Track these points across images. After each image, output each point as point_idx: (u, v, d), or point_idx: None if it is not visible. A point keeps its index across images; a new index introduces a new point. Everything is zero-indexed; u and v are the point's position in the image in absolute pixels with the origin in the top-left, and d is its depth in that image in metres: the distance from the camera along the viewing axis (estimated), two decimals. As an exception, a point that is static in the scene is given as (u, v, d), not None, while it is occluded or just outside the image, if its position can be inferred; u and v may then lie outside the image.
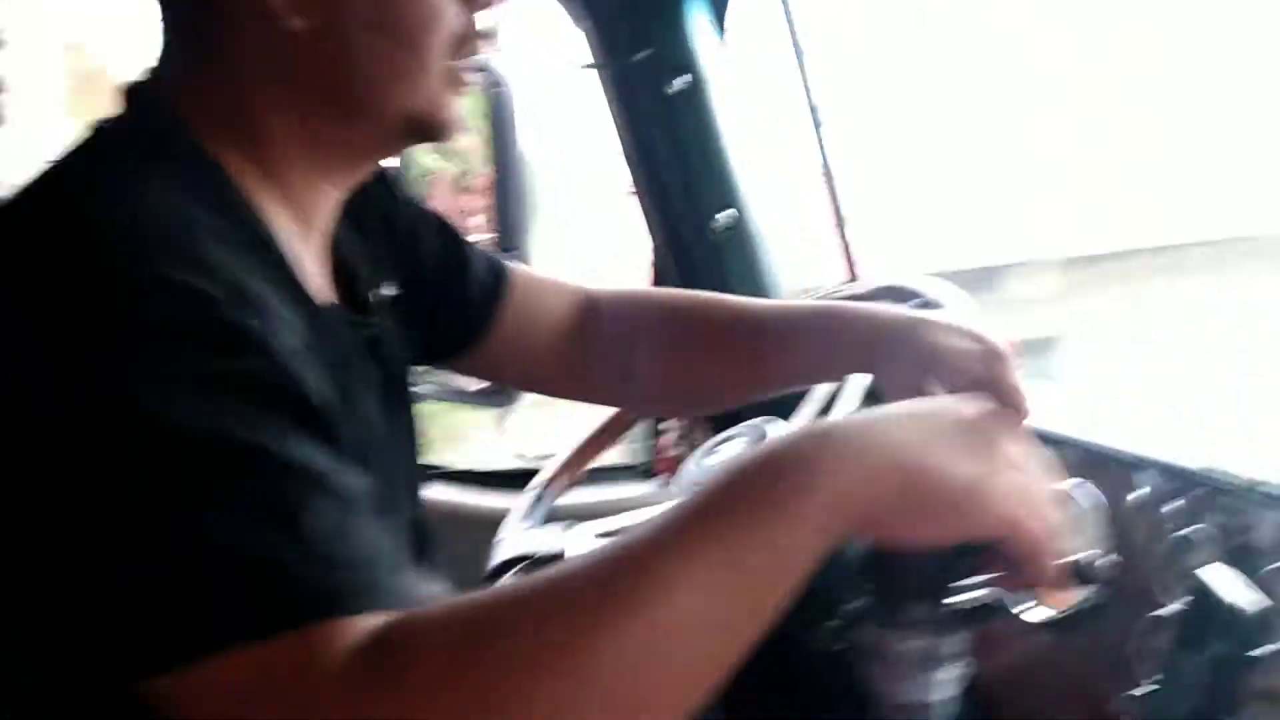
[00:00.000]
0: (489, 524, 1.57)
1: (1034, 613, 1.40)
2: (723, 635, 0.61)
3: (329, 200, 0.91)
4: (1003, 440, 0.71)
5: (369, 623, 0.58)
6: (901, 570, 0.75)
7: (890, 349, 0.98)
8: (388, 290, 1.04)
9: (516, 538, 1.59)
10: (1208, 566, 0.86)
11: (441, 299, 1.15)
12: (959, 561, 0.72)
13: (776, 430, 1.35)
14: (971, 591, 0.75)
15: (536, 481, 1.76)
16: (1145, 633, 1.23)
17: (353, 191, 0.94)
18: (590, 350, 1.22)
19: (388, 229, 1.11)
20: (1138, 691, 1.22)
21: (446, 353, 1.21)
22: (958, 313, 1.24)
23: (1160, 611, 1.21)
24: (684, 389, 1.30)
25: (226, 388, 0.62)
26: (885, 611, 0.74)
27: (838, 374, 1.18)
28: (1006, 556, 0.73)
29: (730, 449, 1.36)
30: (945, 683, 0.76)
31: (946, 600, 0.76)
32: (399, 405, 1.02)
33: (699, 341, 1.24)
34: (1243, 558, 1.16)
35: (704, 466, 1.39)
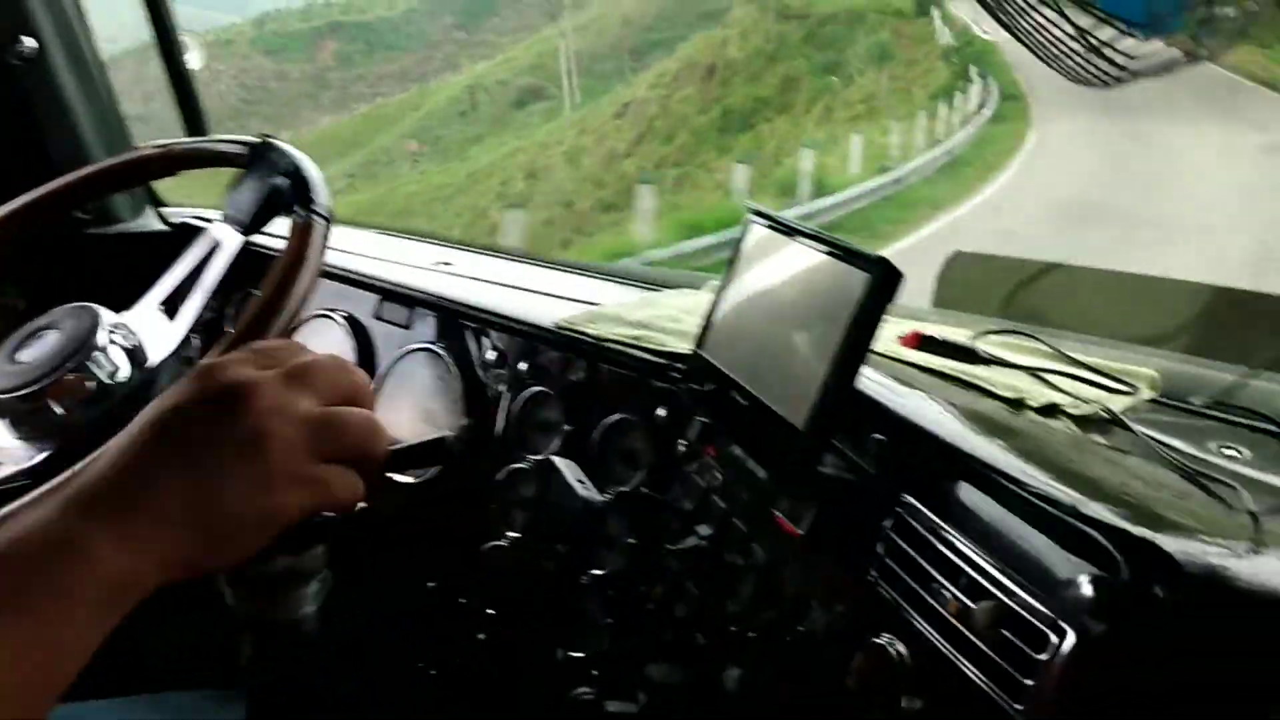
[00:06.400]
0: None
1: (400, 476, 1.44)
2: None
3: None
4: (269, 392, 0.64)
5: None
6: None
7: None
8: None
9: None
10: (555, 457, 0.93)
11: None
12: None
13: (107, 318, 1.17)
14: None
15: None
16: (507, 490, 1.31)
17: None
18: None
19: None
20: (503, 541, 1.31)
21: None
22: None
23: (519, 466, 1.30)
24: None
25: None
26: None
27: None
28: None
29: (47, 342, 1.15)
30: (310, 596, 0.73)
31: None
32: None
33: None
34: (584, 412, 1.28)
35: (16, 364, 1.16)
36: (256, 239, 1.22)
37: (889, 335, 1.16)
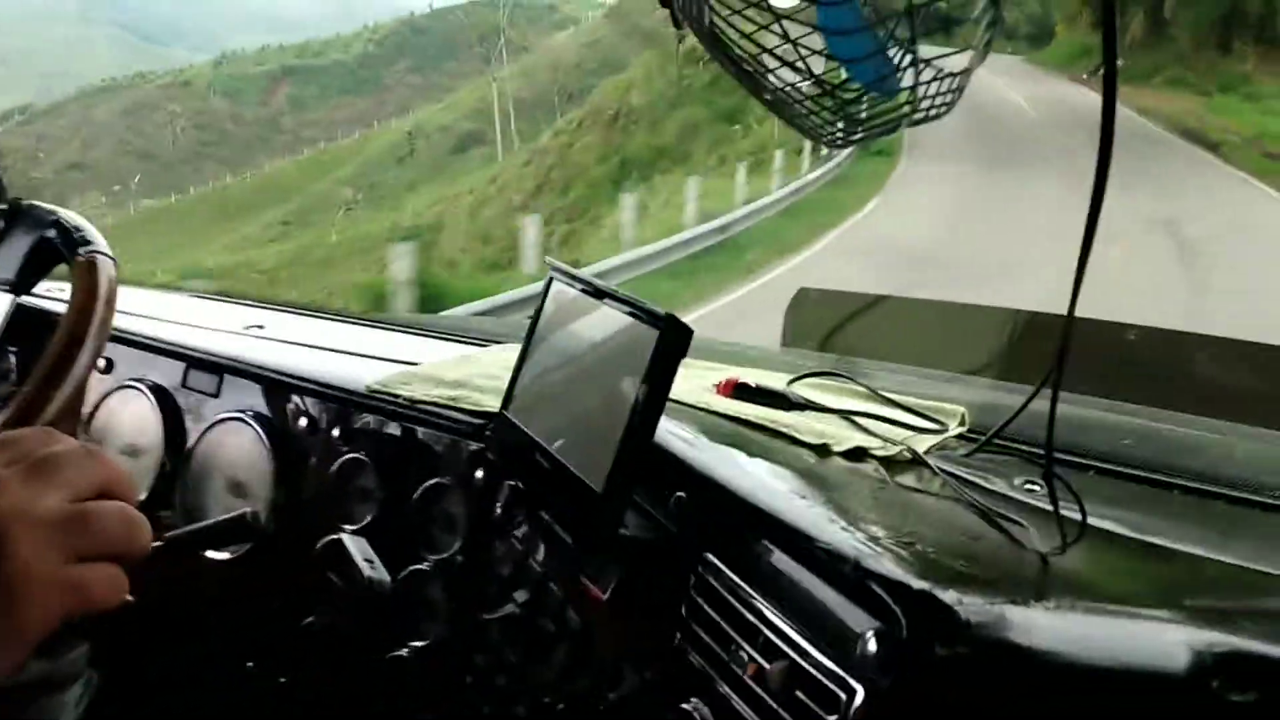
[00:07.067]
0: None
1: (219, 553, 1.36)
2: None
3: None
4: (9, 492, 0.60)
5: None
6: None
7: None
8: None
9: None
10: (346, 535, 0.89)
11: None
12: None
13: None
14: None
15: None
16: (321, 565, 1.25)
17: None
18: None
19: None
20: (314, 619, 1.25)
21: None
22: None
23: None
24: None
25: None
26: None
27: None
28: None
29: None
30: (70, 703, 0.67)
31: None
32: None
33: None
34: (401, 477, 1.23)
35: None
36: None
37: (707, 383, 1.16)
